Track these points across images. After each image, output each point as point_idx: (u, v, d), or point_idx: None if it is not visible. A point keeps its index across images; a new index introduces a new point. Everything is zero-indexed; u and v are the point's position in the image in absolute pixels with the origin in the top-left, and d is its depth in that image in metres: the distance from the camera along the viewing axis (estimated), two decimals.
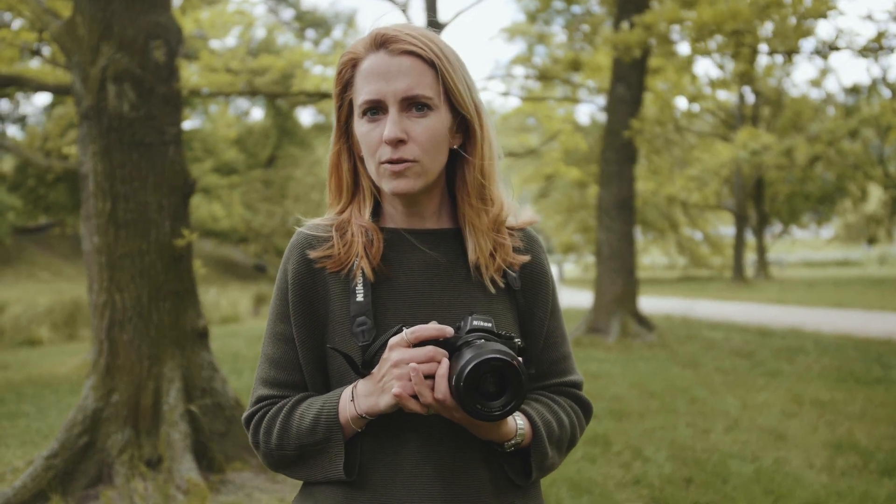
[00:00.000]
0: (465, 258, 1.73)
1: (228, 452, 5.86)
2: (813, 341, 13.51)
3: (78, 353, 14.06)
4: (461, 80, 1.67)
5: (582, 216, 37.87)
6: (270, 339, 1.76)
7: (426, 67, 1.63)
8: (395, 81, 1.60)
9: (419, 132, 1.61)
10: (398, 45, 1.62)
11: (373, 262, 1.68)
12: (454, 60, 1.67)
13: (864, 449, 6.55)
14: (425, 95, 1.61)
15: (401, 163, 1.61)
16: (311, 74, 12.86)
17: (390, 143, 1.60)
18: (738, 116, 36.13)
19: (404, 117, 1.61)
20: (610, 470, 6.13)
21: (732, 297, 27.46)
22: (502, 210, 1.75)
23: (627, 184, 14.96)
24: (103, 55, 5.66)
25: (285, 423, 1.66)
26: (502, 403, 1.45)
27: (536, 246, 1.83)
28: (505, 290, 1.75)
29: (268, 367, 1.74)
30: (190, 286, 6.03)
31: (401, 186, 1.63)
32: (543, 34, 30.93)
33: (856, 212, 46.06)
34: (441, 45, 1.65)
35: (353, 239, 1.70)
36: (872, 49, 12.53)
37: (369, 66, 1.63)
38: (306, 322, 1.70)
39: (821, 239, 72.42)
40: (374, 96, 1.61)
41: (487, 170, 1.72)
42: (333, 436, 1.61)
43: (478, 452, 1.65)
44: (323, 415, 1.61)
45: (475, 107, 1.70)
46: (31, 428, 8.06)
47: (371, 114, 1.63)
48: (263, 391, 1.73)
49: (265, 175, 41.97)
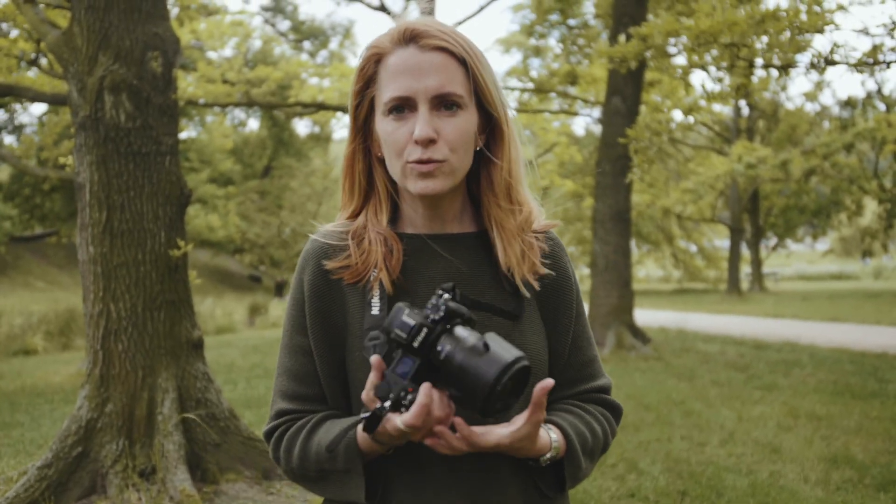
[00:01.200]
0: (488, 262, 1.69)
1: (222, 463, 5.84)
2: (808, 355, 13.52)
3: (72, 363, 14.03)
4: (490, 78, 1.62)
5: (577, 228, 37.90)
6: (288, 350, 1.71)
7: (457, 65, 1.57)
8: (427, 78, 1.54)
9: (450, 131, 1.56)
10: (430, 40, 1.56)
11: (392, 274, 1.63)
12: (483, 59, 1.62)
13: (859, 463, 6.55)
14: (457, 93, 1.56)
15: (430, 163, 1.55)
16: (307, 85, 12.91)
17: (421, 143, 1.54)
18: (733, 129, 36.25)
19: (434, 116, 1.55)
20: (605, 482, 6.12)
21: (727, 309, 27.47)
22: (531, 213, 1.72)
23: (623, 196, 14.97)
24: (100, 65, 5.66)
25: (305, 444, 1.63)
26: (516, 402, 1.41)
27: (560, 249, 1.79)
28: (532, 295, 1.71)
29: (286, 380, 1.70)
30: (185, 296, 6.03)
31: (429, 187, 1.57)
32: (539, 47, 31.04)
33: (851, 225, 46.10)
34: (470, 42, 1.61)
35: (371, 248, 1.65)
36: (868, 63, 12.57)
37: (398, 62, 1.57)
38: (324, 335, 1.66)
39: (816, 252, 72.47)
40: (403, 93, 1.55)
41: (514, 171, 1.68)
42: (354, 466, 1.56)
43: (505, 469, 1.62)
44: (343, 442, 1.56)
45: (503, 106, 1.66)
46: (24, 438, 8.04)
47: (397, 111, 1.57)
48: (283, 405, 1.70)
49: (261, 185, 42.05)
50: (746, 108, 36.56)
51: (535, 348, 1.68)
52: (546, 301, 1.74)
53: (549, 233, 1.79)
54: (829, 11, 11.64)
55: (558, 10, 28.71)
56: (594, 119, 24.85)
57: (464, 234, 1.71)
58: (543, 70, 28.48)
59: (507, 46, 33.90)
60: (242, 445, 5.97)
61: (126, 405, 5.62)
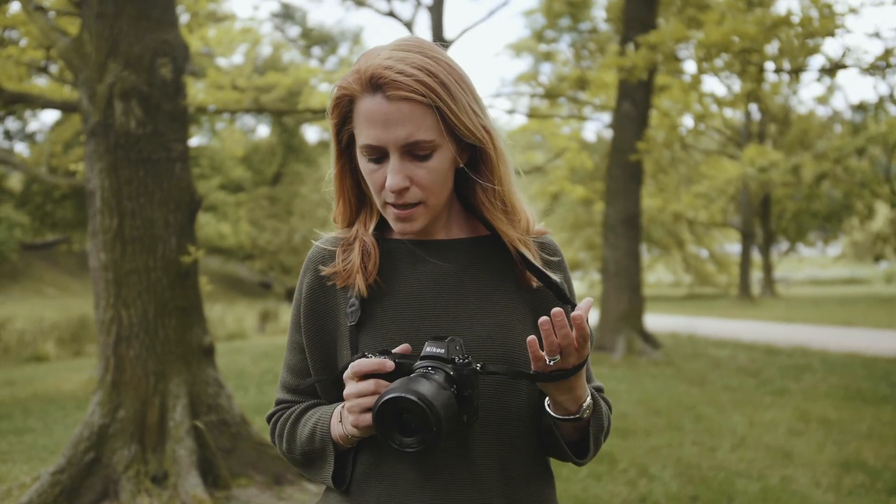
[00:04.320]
0: (477, 266, 1.73)
1: (234, 469, 5.85)
2: (820, 359, 13.47)
3: (84, 369, 14.07)
4: (465, 110, 1.61)
5: (588, 233, 37.84)
6: (289, 346, 1.82)
7: (425, 110, 1.56)
8: (395, 129, 1.55)
9: (422, 176, 1.59)
10: (395, 91, 1.54)
11: (368, 278, 1.69)
12: (456, 91, 1.59)
13: (871, 468, 6.53)
14: (426, 140, 1.57)
15: (406, 207, 1.61)
16: (317, 92, 12.92)
17: (394, 192, 1.59)
18: (744, 134, 36.15)
19: (406, 163, 1.58)
20: (615, 488, 6.11)
21: (738, 315, 27.38)
22: (529, 223, 1.76)
23: (633, 201, 14.94)
24: (110, 72, 5.68)
25: (292, 430, 1.76)
26: (414, 441, 1.46)
27: (558, 255, 1.82)
28: (526, 299, 1.75)
29: (286, 373, 1.84)
30: (196, 302, 6.04)
31: (408, 228, 1.65)
32: (550, 52, 31.04)
33: (863, 229, 45.93)
34: (441, 74, 1.58)
35: (354, 254, 1.72)
36: (879, 67, 12.54)
37: (367, 111, 1.58)
38: (315, 335, 1.75)
39: (827, 257, 72.15)
40: (374, 142, 1.58)
41: (506, 183, 1.71)
42: (327, 448, 1.68)
43: (481, 465, 1.64)
44: (318, 428, 1.68)
45: (484, 131, 1.64)
46: (37, 444, 8.07)
47: (372, 157, 1.61)
48: (281, 395, 1.85)
49: (271, 192, 42.05)
50: (758, 113, 36.46)
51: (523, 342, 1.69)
52: (543, 302, 1.76)
53: (547, 241, 1.83)
54: (840, 15, 11.61)
55: (568, 14, 28.73)
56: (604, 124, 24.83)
57: (451, 241, 1.75)
58: (553, 76, 28.48)
59: (517, 51, 33.91)
60: (254, 451, 5.99)
61: (138, 411, 5.64)
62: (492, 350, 1.66)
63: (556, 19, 29.36)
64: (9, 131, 34.55)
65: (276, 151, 43.55)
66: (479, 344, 1.65)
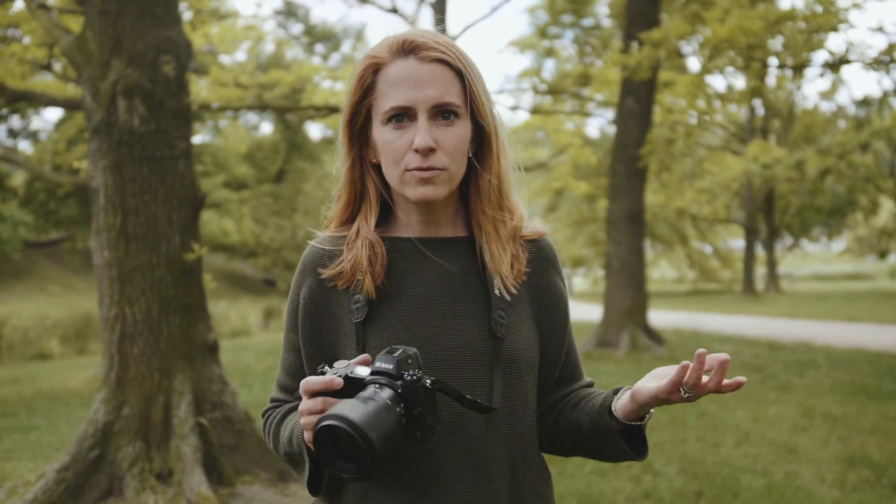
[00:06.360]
0: (476, 266, 1.73)
1: (238, 466, 5.86)
2: (824, 355, 13.46)
3: (88, 367, 14.08)
4: (483, 90, 1.68)
5: (591, 229, 37.77)
6: (284, 345, 1.83)
7: (454, 76, 1.63)
8: (427, 89, 1.60)
9: (448, 140, 1.61)
10: (429, 52, 1.61)
11: (376, 280, 1.68)
12: (477, 70, 1.68)
13: (876, 463, 6.52)
14: (454, 103, 1.62)
15: (430, 170, 1.60)
16: (320, 89, 12.89)
17: (421, 152, 1.59)
18: (748, 129, 36.05)
19: (433, 125, 1.61)
20: (620, 484, 6.11)
21: (742, 310, 27.36)
22: (521, 220, 1.77)
23: (637, 197, 14.92)
24: (113, 70, 5.69)
25: (276, 430, 1.77)
26: (352, 468, 1.41)
27: (553, 257, 1.82)
28: (521, 300, 1.74)
29: (281, 372, 1.85)
30: (200, 300, 6.05)
31: (428, 193, 1.62)
32: (553, 48, 30.99)
33: (867, 225, 45.90)
34: (465, 53, 1.66)
35: (359, 253, 1.70)
36: (883, 61, 12.52)
37: (398, 73, 1.62)
38: (312, 338, 1.74)
39: (831, 252, 72.13)
40: (404, 102, 1.60)
41: (504, 179, 1.73)
42: (303, 452, 1.64)
43: (456, 475, 1.63)
44: (295, 431, 1.66)
45: (493, 116, 1.70)
46: (42, 441, 8.08)
47: (397, 120, 1.62)
48: (275, 393, 1.86)
49: (274, 189, 42.03)
50: (762, 108, 36.38)
51: (526, 342, 1.72)
52: (536, 305, 1.77)
53: (543, 241, 1.83)
54: (844, 9, 11.58)
55: (571, 10, 28.67)
56: (608, 120, 24.80)
57: (456, 238, 1.75)
58: (556, 73, 28.43)
59: (521, 47, 33.84)
60: (258, 448, 6.00)
61: (142, 408, 5.65)
62: (497, 350, 1.66)
63: (558, 15, 29.29)
64: (12, 129, 34.55)
65: (279, 149, 43.52)
66: (484, 344, 1.66)
